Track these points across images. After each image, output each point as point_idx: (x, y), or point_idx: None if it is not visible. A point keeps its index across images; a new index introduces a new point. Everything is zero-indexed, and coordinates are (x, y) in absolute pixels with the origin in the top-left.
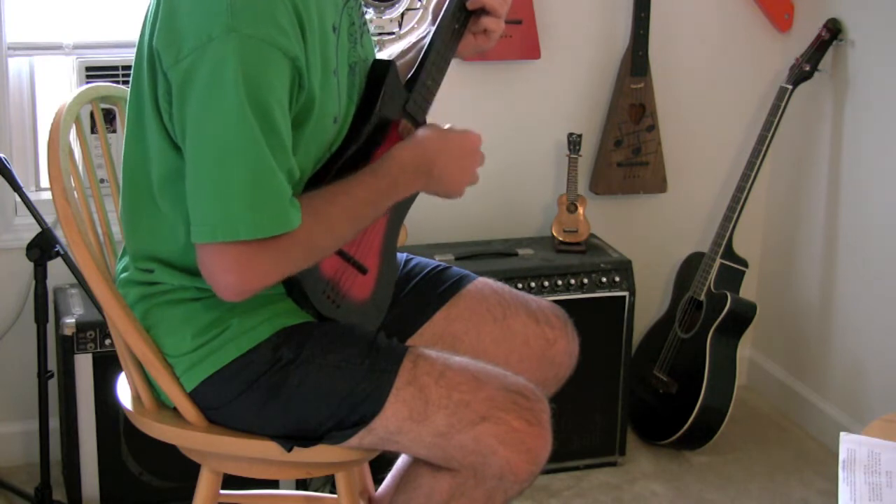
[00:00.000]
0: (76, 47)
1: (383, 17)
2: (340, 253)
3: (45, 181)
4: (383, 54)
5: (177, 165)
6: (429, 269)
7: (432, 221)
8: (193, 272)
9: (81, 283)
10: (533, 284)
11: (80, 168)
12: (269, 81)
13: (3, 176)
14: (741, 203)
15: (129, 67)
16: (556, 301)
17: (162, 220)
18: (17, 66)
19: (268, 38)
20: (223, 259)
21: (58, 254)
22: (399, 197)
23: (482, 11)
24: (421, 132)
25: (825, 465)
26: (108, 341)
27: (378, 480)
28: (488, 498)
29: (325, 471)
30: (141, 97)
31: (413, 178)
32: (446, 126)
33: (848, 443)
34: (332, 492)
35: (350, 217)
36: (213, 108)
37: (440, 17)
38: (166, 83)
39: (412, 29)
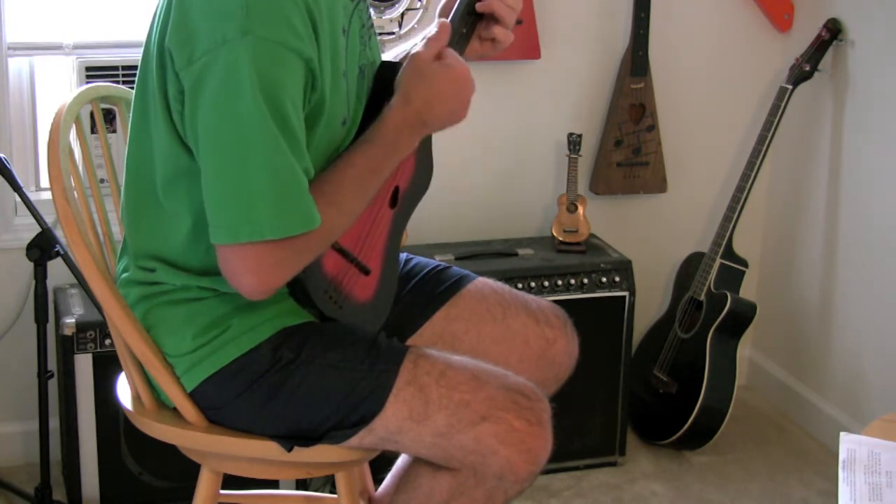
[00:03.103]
0: (76, 47)
1: (383, 17)
2: (343, 253)
3: (45, 181)
4: (388, 55)
5: (184, 165)
6: (429, 268)
7: (432, 221)
8: (195, 272)
9: (81, 283)
10: (533, 284)
11: (80, 168)
12: (283, 82)
13: (3, 176)
14: (741, 203)
15: (129, 67)
16: (556, 301)
17: (165, 219)
18: (17, 66)
19: (282, 40)
20: (246, 260)
21: (58, 254)
22: (401, 157)
23: (492, 18)
24: (406, 83)
25: (825, 465)
26: (108, 341)
27: (378, 480)
28: (488, 498)
29: (325, 471)
30: (147, 96)
31: (410, 134)
32: (422, 50)
33: (848, 443)
34: (332, 492)
35: (358, 190)
36: (230, 110)
37: (448, 19)
38: (178, 83)
39: (412, 29)
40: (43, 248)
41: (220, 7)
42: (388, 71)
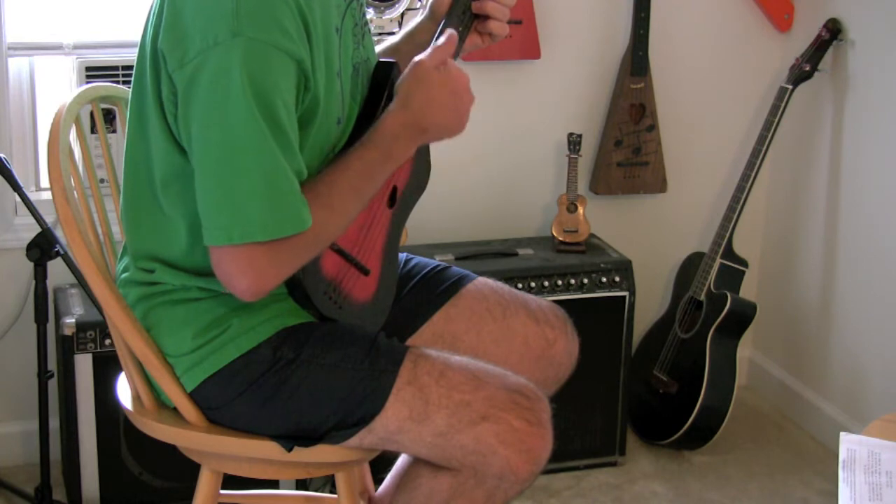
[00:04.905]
0: (76, 47)
1: (383, 17)
2: (342, 253)
3: (45, 181)
4: (378, 48)
5: (180, 166)
6: (429, 268)
7: (432, 221)
8: (195, 272)
9: (81, 283)
10: (533, 284)
11: (80, 168)
12: (275, 84)
13: (3, 176)
14: (741, 203)
15: (129, 67)
16: (556, 301)
17: (164, 220)
18: (17, 66)
19: (273, 41)
20: (238, 261)
21: (58, 254)
22: (397, 164)
23: (486, 16)
24: (405, 89)
25: (825, 465)
26: (108, 341)
27: (378, 480)
28: (488, 498)
29: (325, 471)
30: (143, 97)
31: (407, 141)
32: (425, 58)
33: (848, 443)
34: (332, 492)
35: (352, 193)
36: (221, 111)
37: (443, 20)
38: (171, 85)
39: None
40: (43, 248)
41: (211, 9)
42: (384, 70)
